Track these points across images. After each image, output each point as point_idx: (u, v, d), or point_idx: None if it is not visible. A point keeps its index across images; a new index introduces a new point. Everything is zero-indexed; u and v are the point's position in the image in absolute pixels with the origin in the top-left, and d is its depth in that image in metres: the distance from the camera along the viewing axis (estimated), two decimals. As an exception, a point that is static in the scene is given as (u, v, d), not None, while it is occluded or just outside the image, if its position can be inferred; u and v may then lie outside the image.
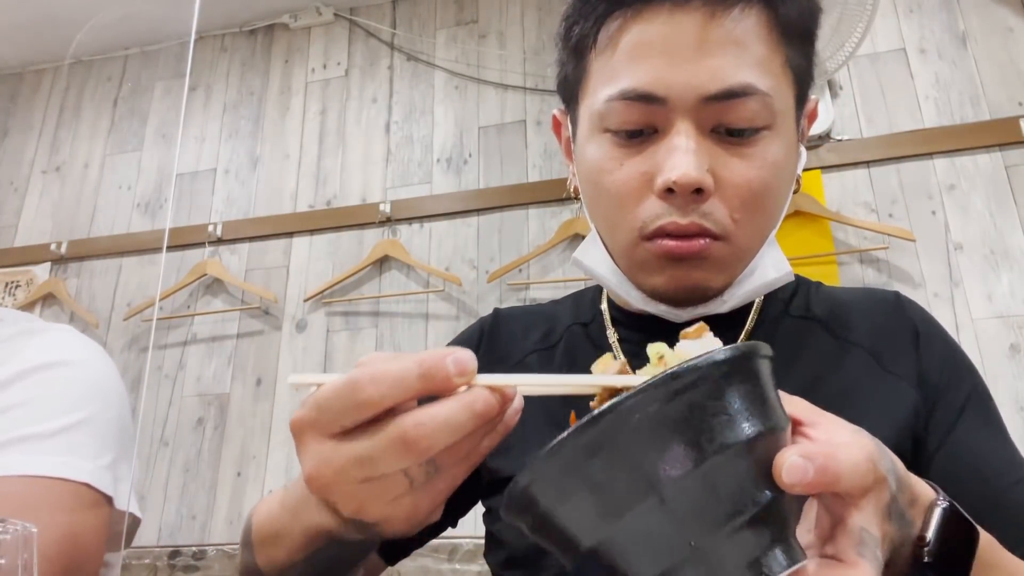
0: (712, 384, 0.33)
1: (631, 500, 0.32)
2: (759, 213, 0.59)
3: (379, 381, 0.35)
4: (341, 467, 0.36)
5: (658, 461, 0.31)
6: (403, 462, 0.35)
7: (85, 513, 0.69)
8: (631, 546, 0.32)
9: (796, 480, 0.33)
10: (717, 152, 0.57)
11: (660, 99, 0.56)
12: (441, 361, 0.35)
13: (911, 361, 0.63)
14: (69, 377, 0.75)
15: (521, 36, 2.35)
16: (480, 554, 1.76)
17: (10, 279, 2.43)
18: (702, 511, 0.32)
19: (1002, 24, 1.99)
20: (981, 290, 1.78)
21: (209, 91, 2.55)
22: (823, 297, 0.70)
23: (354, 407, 0.35)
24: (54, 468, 0.68)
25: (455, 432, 0.35)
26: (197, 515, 2.04)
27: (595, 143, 0.61)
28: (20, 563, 0.41)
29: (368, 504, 0.38)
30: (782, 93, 0.59)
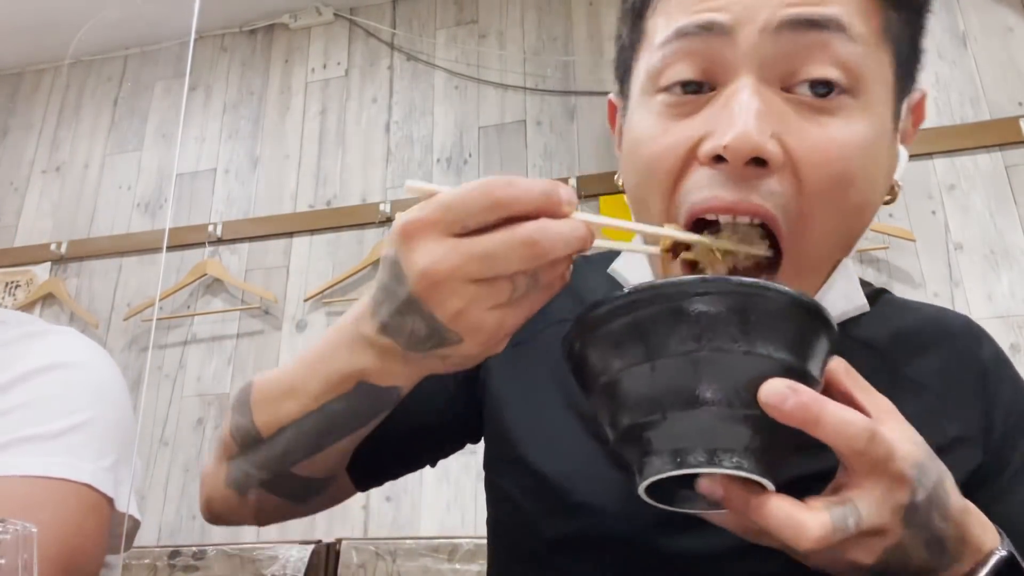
0: (744, 300, 0.37)
1: (632, 360, 0.38)
2: (838, 203, 0.47)
3: (513, 185, 0.38)
4: (460, 263, 0.38)
5: (661, 337, 0.38)
6: (523, 262, 0.38)
7: (86, 514, 0.70)
8: (624, 395, 0.39)
9: (772, 402, 0.35)
10: (788, 115, 0.46)
11: (723, 27, 0.46)
12: (556, 187, 0.38)
13: (976, 408, 0.55)
14: (72, 379, 0.75)
15: (521, 36, 2.35)
16: (480, 554, 1.76)
17: (10, 279, 2.43)
18: (678, 390, 0.37)
19: (1002, 24, 1.99)
20: (981, 290, 1.78)
21: (209, 91, 2.55)
22: (889, 317, 0.60)
23: (488, 206, 0.38)
24: (55, 469, 0.68)
25: (568, 245, 0.38)
26: (197, 515, 2.04)
27: (643, 109, 0.51)
28: (20, 563, 0.41)
29: (470, 309, 0.39)
30: (874, 57, 0.47)
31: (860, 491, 0.37)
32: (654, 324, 0.38)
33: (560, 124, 2.23)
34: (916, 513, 0.38)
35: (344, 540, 1.57)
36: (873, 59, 0.47)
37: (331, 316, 2.16)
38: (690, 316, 0.37)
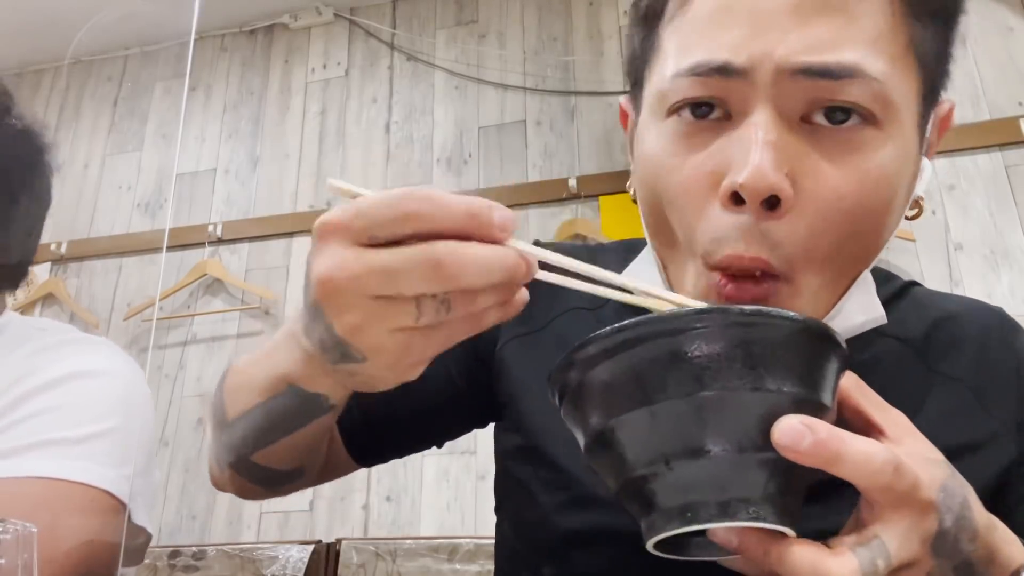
0: (748, 331, 0.34)
1: (628, 405, 0.35)
2: (845, 241, 0.45)
3: (430, 199, 0.34)
4: (359, 274, 0.35)
5: (659, 377, 0.34)
6: (425, 285, 0.34)
7: (103, 519, 0.70)
8: (622, 445, 0.36)
9: (788, 443, 0.33)
10: (803, 151, 0.44)
11: (738, 70, 0.44)
12: (488, 207, 0.35)
13: (1012, 403, 0.54)
14: (100, 387, 0.76)
15: (521, 36, 2.35)
16: (480, 554, 1.75)
17: (10, 279, 2.43)
18: (682, 437, 0.34)
19: (1002, 24, 1.99)
20: (981, 290, 1.78)
21: (209, 91, 2.55)
22: (921, 311, 0.59)
23: (398, 217, 0.35)
24: (76, 472, 0.69)
25: (482, 274, 0.34)
26: (197, 515, 2.04)
27: (655, 131, 0.49)
28: (20, 563, 0.41)
29: (368, 325, 0.36)
30: (899, 83, 0.45)
31: (885, 526, 0.35)
32: (650, 364, 0.34)
33: (560, 124, 2.23)
34: (945, 540, 0.36)
35: (344, 540, 1.57)
36: (898, 86, 0.45)
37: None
38: (689, 353, 0.34)
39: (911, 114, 0.47)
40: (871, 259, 0.49)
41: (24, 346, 0.78)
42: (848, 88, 0.43)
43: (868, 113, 0.44)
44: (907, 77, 0.46)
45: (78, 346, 0.80)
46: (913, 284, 0.62)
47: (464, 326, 0.37)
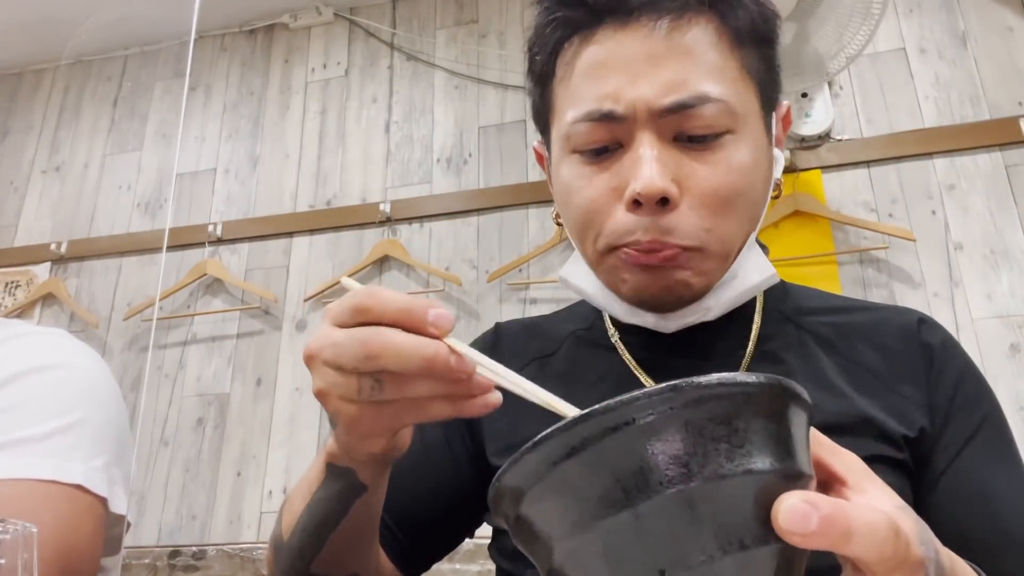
0: (721, 405, 0.30)
1: (604, 511, 0.29)
2: (730, 218, 0.59)
3: (374, 296, 0.42)
4: (323, 346, 0.43)
5: (639, 475, 0.29)
6: (355, 360, 0.41)
7: (79, 515, 0.69)
8: (599, 561, 0.30)
9: (795, 527, 0.29)
10: (681, 160, 0.58)
11: (619, 117, 0.58)
12: (424, 306, 0.42)
13: (920, 385, 0.62)
14: (60, 380, 0.75)
15: (521, 36, 2.35)
16: (480, 554, 1.75)
17: (10, 279, 2.43)
18: (679, 538, 0.29)
19: (1002, 24, 1.99)
20: (981, 290, 1.78)
21: (209, 91, 2.55)
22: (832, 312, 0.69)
23: (351, 310, 0.43)
24: (46, 470, 0.68)
25: (399, 358, 0.40)
26: (197, 515, 2.04)
27: (566, 164, 0.62)
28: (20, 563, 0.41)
29: (328, 393, 0.44)
30: (742, 97, 0.59)
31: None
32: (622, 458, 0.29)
33: (560, 124, 2.23)
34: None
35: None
36: (740, 98, 0.59)
37: (331, 316, 2.16)
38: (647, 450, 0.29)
39: (755, 118, 0.61)
40: (753, 229, 0.62)
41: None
42: (702, 111, 0.57)
43: (720, 130, 0.58)
44: (746, 91, 0.60)
45: (30, 339, 0.78)
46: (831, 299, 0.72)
47: (407, 409, 0.44)
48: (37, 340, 0.78)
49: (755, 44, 0.61)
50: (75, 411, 0.73)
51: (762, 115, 0.62)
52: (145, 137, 2.55)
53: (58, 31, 2.54)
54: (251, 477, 2.05)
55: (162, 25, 2.54)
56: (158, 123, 2.56)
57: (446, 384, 0.42)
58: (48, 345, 0.78)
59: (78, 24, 2.50)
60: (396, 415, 0.44)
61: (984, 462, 0.60)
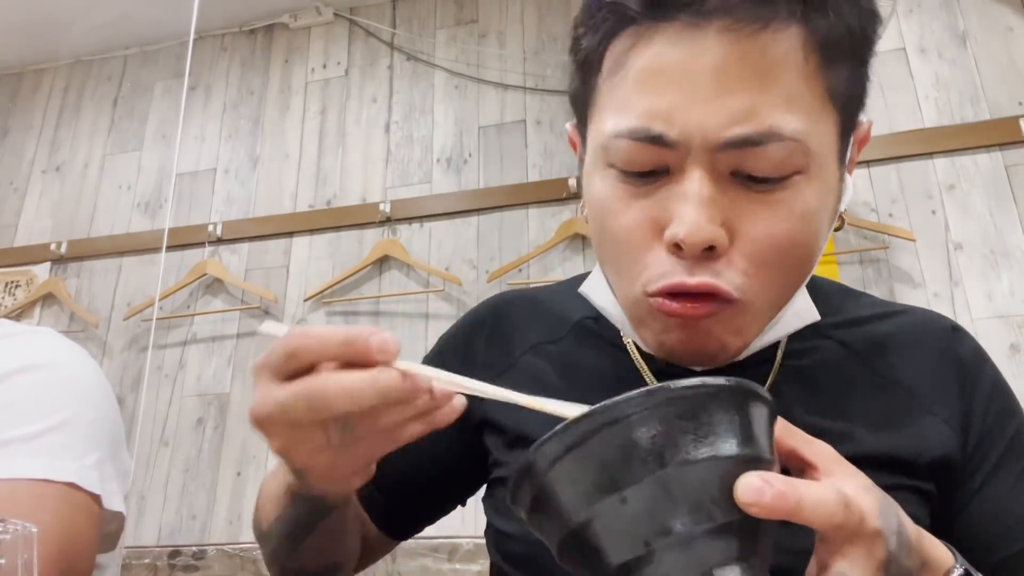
0: (688, 404, 0.35)
1: (597, 495, 0.36)
2: (783, 270, 0.51)
3: (307, 336, 0.40)
4: (272, 409, 0.40)
5: (622, 464, 0.35)
6: (310, 415, 0.39)
7: (73, 513, 0.69)
8: (597, 538, 0.36)
9: (751, 499, 0.35)
10: (737, 201, 0.49)
11: (670, 143, 0.48)
12: (364, 334, 0.39)
13: (954, 404, 0.59)
14: (50, 379, 0.75)
15: (521, 36, 2.35)
16: (480, 554, 1.76)
17: (10, 279, 2.43)
18: (658, 515, 0.35)
19: (1002, 24, 1.99)
20: (981, 290, 1.78)
21: (209, 91, 2.55)
22: (865, 321, 0.63)
23: (285, 356, 0.40)
24: (37, 470, 0.68)
25: (355, 399, 0.38)
26: (197, 515, 2.04)
27: (600, 177, 0.54)
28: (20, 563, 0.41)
29: (292, 448, 0.42)
30: (820, 132, 0.50)
31: (846, 560, 0.38)
32: (611, 451, 0.36)
33: (560, 124, 2.23)
34: (893, 563, 0.39)
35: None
36: (818, 132, 0.49)
37: (331, 316, 2.16)
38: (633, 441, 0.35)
39: (831, 152, 0.52)
40: (806, 277, 0.55)
41: None
42: (770, 151, 0.48)
43: (790, 167, 0.49)
44: (826, 123, 0.50)
45: (18, 339, 0.78)
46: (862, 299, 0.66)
47: (381, 440, 0.42)
48: (25, 340, 0.78)
49: (848, 62, 0.51)
50: (65, 409, 0.73)
51: (839, 146, 0.53)
52: (145, 137, 2.55)
53: (58, 31, 2.54)
54: (251, 477, 2.05)
55: (162, 25, 2.54)
56: (158, 123, 2.57)
57: (410, 407, 0.40)
58: (36, 344, 0.78)
59: (78, 24, 2.51)
60: (370, 449, 0.42)
61: (1012, 489, 0.57)
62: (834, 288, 0.67)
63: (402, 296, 2.13)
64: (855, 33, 0.50)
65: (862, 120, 0.56)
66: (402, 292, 2.13)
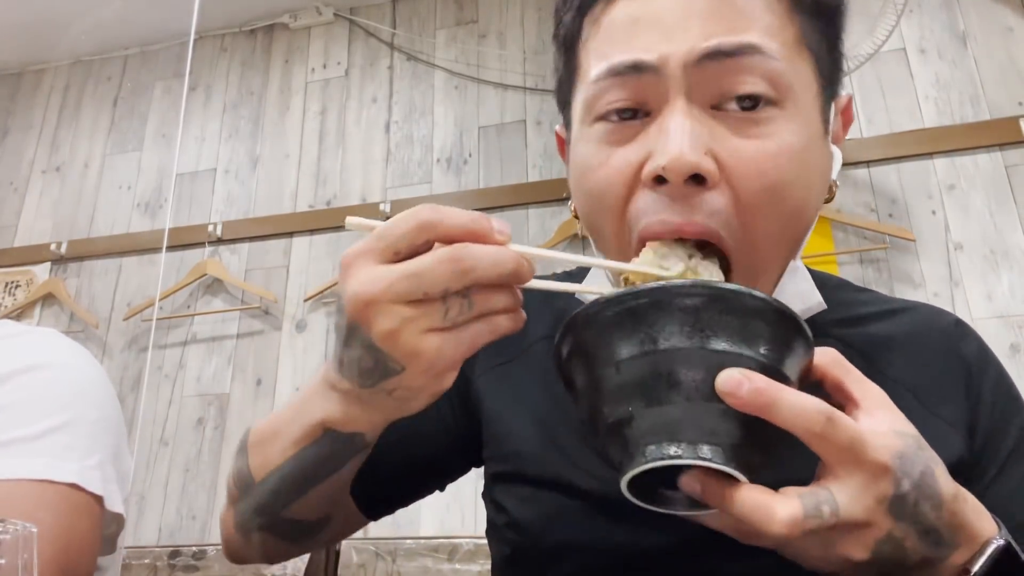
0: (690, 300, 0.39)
1: (602, 363, 0.40)
2: (777, 210, 0.49)
3: (438, 210, 0.40)
4: (389, 282, 0.39)
5: (623, 340, 0.40)
6: (448, 279, 0.39)
7: (74, 514, 0.69)
8: (599, 396, 0.41)
9: (728, 389, 0.37)
10: (720, 132, 0.48)
11: (651, 66, 0.49)
12: (489, 218, 0.40)
13: (960, 404, 0.57)
14: (52, 379, 0.75)
15: (521, 36, 2.35)
16: (480, 554, 1.76)
17: (10, 279, 2.43)
18: (645, 387, 0.39)
19: (1002, 24, 1.99)
20: (981, 290, 1.78)
21: (209, 91, 2.55)
22: (869, 319, 0.62)
23: (414, 228, 0.40)
24: (39, 470, 0.68)
25: (496, 266, 0.39)
26: (197, 515, 2.04)
27: (584, 139, 0.54)
28: (20, 563, 0.41)
29: (403, 330, 0.40)
30: (796, 67, 0.50)
31: (836, 481, 0.38)
32: (620, 326, 0.40)
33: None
34: (904, 504, 0.38)
35: (344, 540, 1.57)
36: (794, 69, 0.50)
37: (331, 316, 2.16)
38: (657, 316, 0.39)
39: (811, 97, 0.52)
40: (801, 234, 0.54)
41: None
42: (746, 62, 0.48)
43: (770, 97, 0.49)
44: (801, 65, 0.51)
45: (22, 339, 0.78)
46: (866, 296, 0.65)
47: (485, 327, 0.42)
48: (28, 340, 0.78)
49: (817, 15, 0.52)
50: (68, 410, 0.73)
51: (819, 98, 0.53)
52: (145, 137, 2.55)
53: (58, 31, 2.54)
54: (251, 477, 2.05)
55: (162, 25, 2.54)
56: (158, 123, 2.57)
57: (515, 295, 0.42)
58: (40, 345, 0.78)
59: (79, 25, 2.51)
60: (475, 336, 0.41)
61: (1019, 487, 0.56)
62: (836, 283, 0.66)
63: (402, 296, 2.13)
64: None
65: (842, 94, 0.57)
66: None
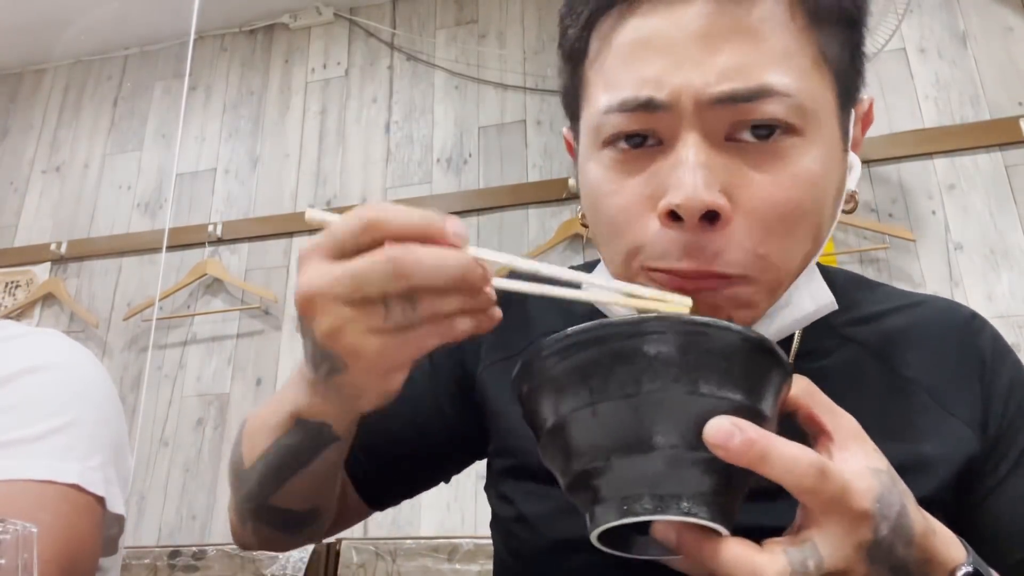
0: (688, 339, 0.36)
1: (575, 404, 0.37)
2: (790, 240, 0.48)
3: (385, 208, 0.39)
4: (331, 281, 0.39)
5: (601, 379, 0.37)
6: (387, 283, 0.38)
7: (75, 515, 0.69)
8: (570, 441, 0.38)
9: (717, 440, 0.35)
10: (735, 165, 0.47)
11: (661, 105, 0.47)
12: (445, 218, 0.39)
13: (974, 400, 0.56)
14: (54, 380, 0.75)
15: (521, 36, 2.35)
16: (480, 554, 1.75)
17: (10, 279, 2.43)
18: (622, 435, 0.36)
19: (1002, 24, 1.99)
20: (981, 290, 1.78)
21: (209, 91, 2.55)
22: (881, 316, 0.61)
23: (359, 228, 0.38)
24: (41, 471, 0.68)
25: (439, 271, 0.38)
26: (197, 515, 2.04)
27: (594, 161, 0.52)
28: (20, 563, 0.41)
29: (344, 329, 0.39)
30: (814, 92, 0.48)
31: (820, 531, 0.36)
32: (594, 366, 0.37)
33: (560, 124, 2.23)
34: (880, 549, 0.37)
35: (344, 540, 1.57)
36: (812, 95, 0.48)
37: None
38: (630, 357, 0.36)
39: (830, 116, 0.50)
40: (816, 252, 0.52)
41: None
42: (763, 107, 0.46)
43: (787, 125, 0.47)
44: (821, 84, 0.49)
45: (24, 340, 0.78)
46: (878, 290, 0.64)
47: (434, 330, 0.40)
48: (31, 341, 0.78)
49: (838, 24, 0.49)
50: (69, 411, 0.73)
51: (838, 114, 0.51)
52: (145, 137, 2.55)
53: (58, 31, 2.54)
54: (251, 477, 2.05)
55: (162, 25, 2.54)
56: (158, 123, 2.57)
57: (471, 298, 0.40)
58: (42, 346, 0.78)
59: (78, 24, 2.50)
60: (422, 339, 0.40)
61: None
62: (849, 279, 0.65)
63: (402, 296, 2.13)
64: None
65: (863, 97, 0.55)
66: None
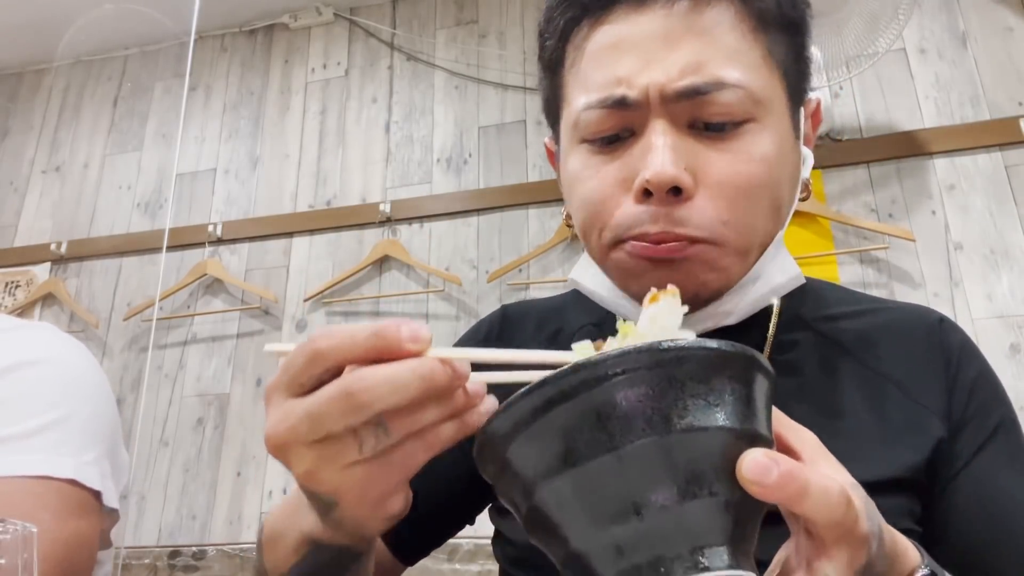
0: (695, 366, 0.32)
1: (589, 453, 0.32)
2: (751, 212, 0.55)
3: (331, 336, 0.36)
4: (294, 424, 0.36)
5: (624, 422, 0.31)
6: (346, 417, 0.35)
7: (73, 510, 0.69)
8: (578, 499, 0.32)
9: (756, 477, 0.32)
10: (697, 149, 0.54)
11: (632, 103, 0.55)
12: (394, 325, 0.36)
13: (941, 392, 0.60)
14: (47, 375, 0.74)
15: (521, 36, 2.35)
16: (480, 554, 1.76)
17: (10, 279, 2.43)
18: (654, 481, 0.31)
19: (1002, 24, 1.99)
20: (981, 290, 1.78)
21: (209, 91, 2.55)
22: (855, 316, 0.65)
23: (308, 361, 0.36)
24: (36, 466, 0.68)
25: (397, 391, 0.35)
26: (197, 515, 2.04)
27: (574, 155, 0.59)
28: (20, 563, 0.41)
29: (319, 470, 0.37)
30: (764, 84, 0.56)
31: (831, 562, 0.35)
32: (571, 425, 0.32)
33: (560, 124, 2.23)
34: (871, 569, 0.37)
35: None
36: (763, 85, 0.56)
37: (331, 316, 2.16)
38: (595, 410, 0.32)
39: (781, 107, 0.58)
40: (778, 229, 0.59)
41: None
42: (719, 97, 0.54)
43: (742, 112, 0.55)
44: (770, 79, 0.57)
45: (16, 334, 0.78)
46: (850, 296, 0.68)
47: (417, 446, 0.37)
48: (23, 335, 0.78)
49: (781, 29, 0.58)
50: (63, 406, 0.73)
51: (789, 106, 0.59)
52: (145, 137, 2.55)
53: (58, 31, 2.54)
54: (251, 477, 2.05)
55: (162, 25, 2.54)
56: (158, 123, 2.57)
57: (448, 403, 0.37)
58: (32, 340, 0.78)
59: (78, 24, 2.50)
60: (407, 458, 0.37)
61: (996, 470, 0.58)
62: (825, 284, 0.70)
63: (402, 296, 2.13)
64: (784, 3, 0.58)
65: (811, 97, 0.63)
66: (402, 292, 2.13)
